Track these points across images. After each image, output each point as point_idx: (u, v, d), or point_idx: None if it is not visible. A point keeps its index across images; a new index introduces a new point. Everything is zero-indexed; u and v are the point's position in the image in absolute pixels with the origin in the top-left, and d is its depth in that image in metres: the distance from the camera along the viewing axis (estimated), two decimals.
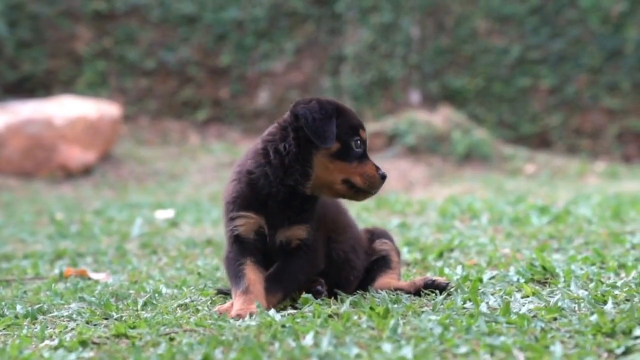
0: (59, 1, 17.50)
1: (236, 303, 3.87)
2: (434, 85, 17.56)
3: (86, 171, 14.09)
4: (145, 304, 4.29)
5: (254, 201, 4.01)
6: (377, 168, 4.03)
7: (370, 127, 15.21)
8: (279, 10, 18.02)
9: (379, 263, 4.43)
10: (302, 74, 18.13)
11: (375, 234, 4.55)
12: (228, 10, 17.93)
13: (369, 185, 3.99)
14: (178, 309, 4.15)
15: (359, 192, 4.01)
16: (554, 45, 17.35)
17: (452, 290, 4.21)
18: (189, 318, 3.86)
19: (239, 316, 3.73)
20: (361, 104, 17.53)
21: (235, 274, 3.96)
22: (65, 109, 14.23)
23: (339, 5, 17.81)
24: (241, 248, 4.02)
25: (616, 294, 3.94)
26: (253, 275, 3.95)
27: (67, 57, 17.56)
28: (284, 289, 4.00)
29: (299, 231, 4.05)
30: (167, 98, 17.86)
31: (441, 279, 4.30)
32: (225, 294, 4.52)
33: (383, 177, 4.03)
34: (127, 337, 3.57)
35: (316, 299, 3.99)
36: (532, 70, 17.40)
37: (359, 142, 4.00)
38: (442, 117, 15.15)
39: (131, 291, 4.79)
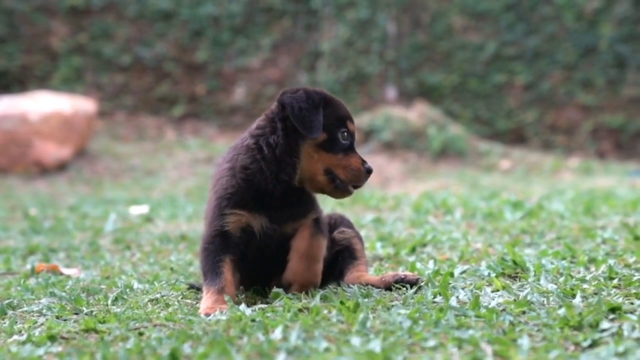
0: None
1: (207, 300, 3.84)
2: (410, 81, 17.60)
3: (61, 167, 14.04)
4: (116, 299, 4.28)
5: (251, 199, 3.95)
6: (364, 162, 3.98)
7: None
8: (255, 6, 18.01)
9: (343, 255, 4.34)
10: (279, 70, 18.13)
11: (332, 222, 4.41)
12: (204, 6, 17.91)
13: (352, 179, 3.94)
14: (149, 303, 4.14)
15: (339, 188, 3.94)
16: (529, 42, 17.43)
17: (423, 284, 4.22)
18: (159, 313, 3.85)
19: (207, 315, 3.71)
20: None
21: (213, 269, 3.89)
22: (40, 104, 14.17)
23: (315, 1, 17.82)
24: (223, 244, 3.94)
25: (585, 288, 3.96)
26: (230, 275, 3.91)
27: (42, 52, 17.49)
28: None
29: (316, 212, 4.07)
30: (143, 94, 17.82)
31: (412, 275, 4.30)
32: (197, 289, 4.51)
33: (368, 171, 3.98)
34: (96, 331, 3.56)
35: None
36: (508, 67, 17.48)
37: (345, 133, 3.96)
38: (417, 113, 15.18)
39: (103, 286, 4.78)
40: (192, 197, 11.84)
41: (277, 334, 3.25)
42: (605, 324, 3.32)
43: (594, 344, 3.13)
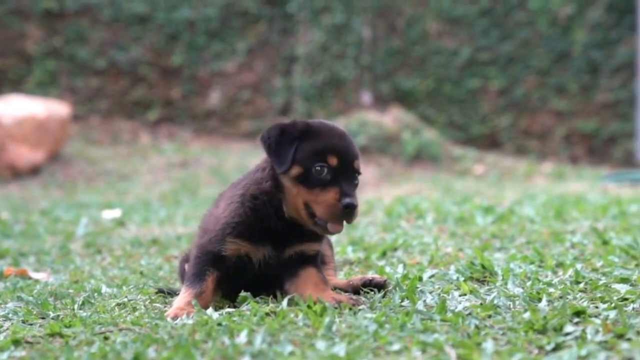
0: (9, 0, 17.35)
1: (182, 300, 3.86)
2: (385, 86, 17.63)
3: (34, 171, 13.98)
4: (83, 303, 4.27)
5: (257, 230, 3.93)
6: (344, 196, 3.80)
7: None
8: (230, 11, 18.00)
9: None
10: (254, 74, 18.13)
11: None
12: (180, 10, 17.89)
13: (328, 215, 3.79)
14: (116, 307, 4.13)
15: (318, 224, 3.84)
16: (503, 47, 17.50)
17: (390, 288, 4.23)
18: (126, 317, 3.85)
19: (176, 316, 3.72)
20: (313, 104, 17.56)
21: (198, 275, 3.91)
22: (13, 108, 14.10)
23: (290, 5, 17.82)
24: (216, 261, 3.94)
25: (551, 292, 3.98)
26: (211, 286, 3.92)
27: (16, 56, 17.41)
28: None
29: (314, 245, 4.04)
30: (118, 98, 17.77)
31: (379, 277, 4.31)
32: (165, 293, 4.51)
33: (346, 207, 3.78)
34: (61, 336, 3.55)
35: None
36: (482, 72, 17.54)
37: (320, 168, 3.80)
38: (392, 118, 15.21)
39: (71, 290, 4.77)
40: (166, 201, 11.82)
41: (242, 337, 3.25)
42: (569, 328, 3.34)
43: (557, 348, 3.15)
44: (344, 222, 3.84)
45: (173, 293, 4.47)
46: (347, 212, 3.79)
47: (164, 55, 17.98)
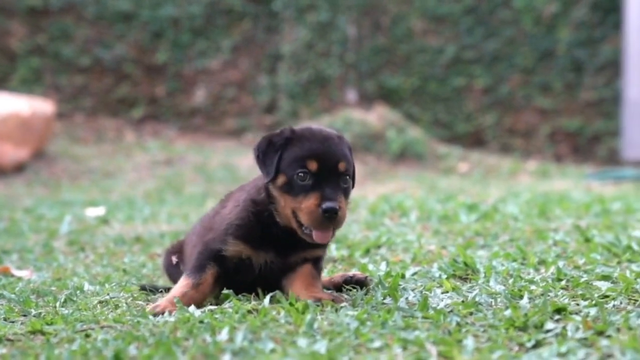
0: None
1: (178, 289, 3.89)
2: (370, 84, 17.64)
3: (19, 169, 13.94)
4: (65, 301, 4.26)
5: (258, 235, 3.95)
6: (324, 200, 3.75)
7: (307, 125, 15.19)
8: (215, 8, 17.98)
9: None
10: (239, 72, 18.11)
11: None
12: (164, 7, 17.85)
13: (311, 222, 3.76)
14: (98, 305, 4.12)
15: (305, 233, 3.82)
16: (488, 46, 17.53)
17: (373, 285, 4.24)
18: (108, 314, 3.84)
19: (163, 310, 3.75)
20: (298, 102, 17.56)
21: (199, 267, 3.93)
22: None
23: (275, 3, 17.81)
24: (218, 259, 3.95)
25: (532, 289, 4.00)
26: (211, 280, 3.93)
27: (0, 53, 17.35)
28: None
29: (317, 251, 4.04)
30: (102, 95, 17.73)
31: (360, 274, 4.32)
32: (148, 290, 4.51)
33: (325, 211, 3.73)
34: (42, 333, 3.54)
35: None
36: (467, 70, 17.56)
37: (302, 174, 3.78)
38: (377, 116, 15.22)
39: (53, 288, 4.76)
40: (151, 199, 11.80)
41: (223, 335, 3.26)
42: (549, 325, 3.36)
43: (537, 345, 3.16)
44: (332, 230, 3.81)
45: (156, 290, 4.47)
46: (328, 217, 3.74)
47: (148, 53, 17.95)
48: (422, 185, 12.33)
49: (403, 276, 4.52)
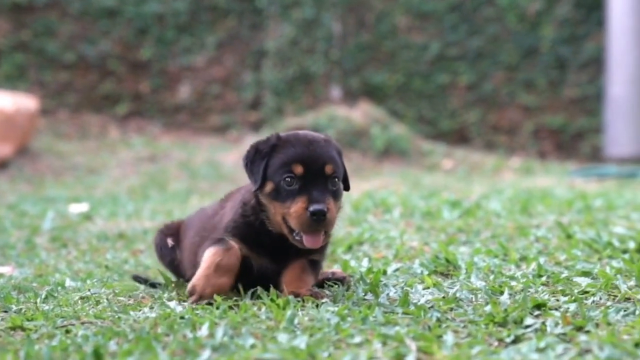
0: None
1: (208, 260, 3.85)
2: (354, 81, 17.65)
3: (2, 165, 13.88)
4: (46, 297, 4.26)
5: (252, 238, 3.94)
6: (311, 203, 3.73)
7: (291, 122, 15.23)
8: (200, 5, 17.95)
9: None
10: (224, 69, 18.09)
11: None
12: (149, 3, 17.81)
13: (300, 226, 3.74)
14: (79, 301, 4.12)
15: (296, 239, 3.80)
16: (472, 43, 17.56)
17: (355, 282, 4.25)
18: (88, 310, 3.84)
19: (203, 290, 3.79)
20: (282, 99, 17.56)
21: (218, 239, 3.92)
22: None
23: (260, 0, 17.80)
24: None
25: (513, 285, 4.02)
26: (238, 246, 3.92)
27: None
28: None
29: (315, 256, 4.02)
30: (86, 92, 17.68)
31: (340, 272, 4.34)
32: (142, 281, 4.53)
33: (313, 214, 3.71)
34: (23, 329, 3.54)
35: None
36: (451, 67, 17.59)
37: (288, 179, 3.77)
38: (361, 113, 15.22)
39: (34, 284, 4.76)
40: (135, 195, 11.78)
41: (203, 330, 3.26)
42: (529, 320, 3.37)
43: (517, 340, 3.18)
44: (322, 233, 3.79)
45: (149, 281, 4.50)
46: (316, 220, 3.71)
47: (133, 49, 17.91)
48: (406, 181, 12.34)
49: (385, 272, 4.54)
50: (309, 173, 3.78)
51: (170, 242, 4.45)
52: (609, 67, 15.31)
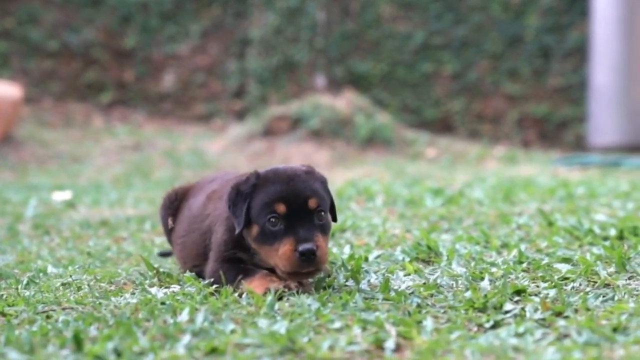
0: None
1: (257, 282, 3.72)
2: (339, 70, 17.65)
3: None
4: (27, 283, 4.25)
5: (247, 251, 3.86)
6: (299, 243, 3.59)
7: (275, 110, 15.22)
8: None
9: None
10: (208, 57, 18.07)
11: None
12: None
13: (289, 268, 3.60)
14: (60, 287, 4.12)
15: (287, 286, 3.66)
16: (457, 32, 17.57)
17: (336, 268, 4.26)
18: (70, 296, 3.84)
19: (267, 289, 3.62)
20: (267, 87, 17.55)
21: (241, 271, 3.80)
22: None
23: None
24: (237, 260, 3.87)
25: (493, 272, 4.03)
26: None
27: None
28: None
29: None
30: (70, 80, 17.64)
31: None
32: (167, 255, 4.62)
33: (302, 254, 3.56)
34: (3, 315, 3.55)
35: None
36: (435, 56, 17.60)
37: (272, 219, 3.63)
38: (345, 101, 15.22)
39: (16, 270, 4.75)
40: (119, 183, 11.77)
41: (184, 316, 3.27)
42: (508, 306, 3.39)
43: (496, 325, 3.20)
44: (313, 273, 3.68)
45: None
46: (306, 260, 3.58)
47: (117, 38, 17.87)
48: (390, 170, 12.36)
49: (366, 259, 4.55)
50: (293, 211, 3.64)
51: (170, 223, 4.45)
52: (593, 56, 15.34)
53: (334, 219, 3.91)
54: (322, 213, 3.71)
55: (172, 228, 4.43)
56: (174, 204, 4.49)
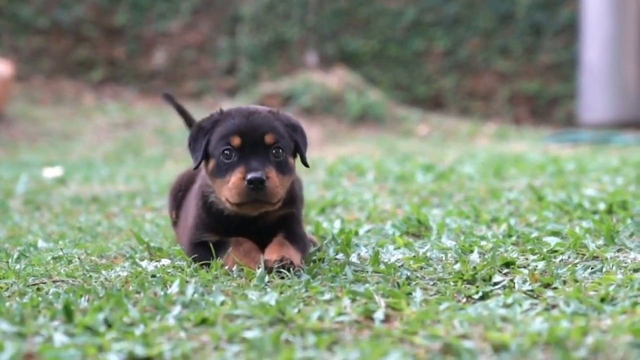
0: None
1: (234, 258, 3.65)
2: (330, 47, 17.62)
3: None
4: (18, 257, 4.26)
5: (221, 226, 3.80)
6: (248, 171, 3.55)
7: (267, 87, 15.21)
8: None
9: None
10: (199, 34, 18.02)
11: None
12: None
13: (236, 198, 3.55)
14: (51, 261, 4.13)
15: (238, 211, 3.65)
16: (448, 9, 17.54)
17: (327, 242, 4.27)
18: (60, 269, 3.85)
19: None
20: (258, 64, 17.52)
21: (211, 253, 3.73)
22: None
23: None
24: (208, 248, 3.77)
25: (483, 245, 4.05)
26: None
27: None
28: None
29: (286, 211, 3.85)
30: (61, 57, 17.59)
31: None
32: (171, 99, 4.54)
33: (250, 182, 3.52)
34: None
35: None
36: (427, 33, 17.58)
37: (227, 152, 3.60)
38: (337, 79, 15.22)
39: (7, 245, 4.76)
40: (110, 161, 11.77)
41: (174, 288, 3.28)
42: (497, 278, 3.41)
43: (485, 296, 3.21)
44: (260, 205, 3.61)
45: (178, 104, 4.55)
46: (253, 188, 3.53)
47: (107, 15, 17.81)
48: (381, 147, 12.36)
49: (356, 233, 4.57)
50: (247, 144, 3.61)
51: (173, 216, 4.40)
52: (584, 33, 15.34)
53: (305, 164, 3.84)
54: (280, 150, 3.65)
55: (175, 221, 4.39)
56: (179, 195, 4.40)
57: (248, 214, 3.70)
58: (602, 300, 3.05)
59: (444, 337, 2.67)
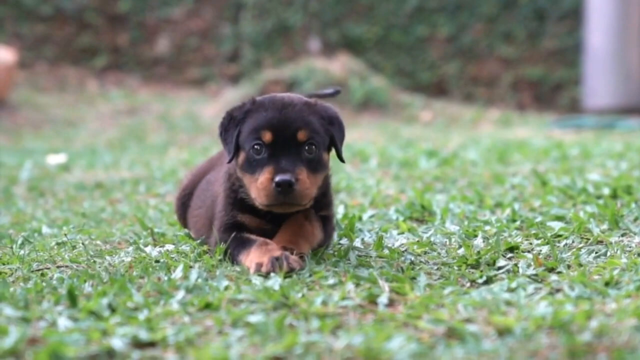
0: None
1: (254, 255, 3.41)
2: (333, 33, 17.58)
3: None
4: (22, 243, 4.26)
5: (250, 211, 3.62)
6: (277, 172, 3.38)
7: (270, 74, 15.19)
8: None
9: None
10: (202, 21, 17.99)
11: None
12: None
13: (265, 200, 3.41)
14: (55, 246, 4.13)
15: (266, 212, 3.52)
16: None
17: None
18: (64, 255, 3.85)
19: (261, 268, 3.31)
20: (261, 51, 17.49)
21: (242, 242, 3.52)
22: None
23: None
24: (239, 227, 3.61)
25: (487, 230, 4.05)
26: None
27: None
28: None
29: (323, 210, 3.73)
30: (64, 44, 17.56)
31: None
32: None
33: (278, 184, 3.35)
34: None
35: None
36: (430, 19, 17.52)
37: (257, 147, 3.43)
38: (340, 65, 15.19)
39: (11, 231, 4.76)
40: (113, 147, 11.76)
41: (177, 273, 3.28)
42: (501, 262, 3.42)
43: (489, 281, 3.21)
44: (289, 206, 3.45)
45: None
46: (281, 191, 3.36)
47: (110, 2, 17.77)
48: (385, 133, 12.35)
49: (360, 218, 4.57)
50: (279, 140, 3.43)
51: (191, 217, 4.27)
52: (588, 19, 15.29)
53: (340, 159, 3.69)
54: (313, 147, 3.46)
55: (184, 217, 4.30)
56: (186, 197, 4.27)
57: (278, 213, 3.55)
58: (607, 284, 3.05)
59: (448, 322, 2.67)
